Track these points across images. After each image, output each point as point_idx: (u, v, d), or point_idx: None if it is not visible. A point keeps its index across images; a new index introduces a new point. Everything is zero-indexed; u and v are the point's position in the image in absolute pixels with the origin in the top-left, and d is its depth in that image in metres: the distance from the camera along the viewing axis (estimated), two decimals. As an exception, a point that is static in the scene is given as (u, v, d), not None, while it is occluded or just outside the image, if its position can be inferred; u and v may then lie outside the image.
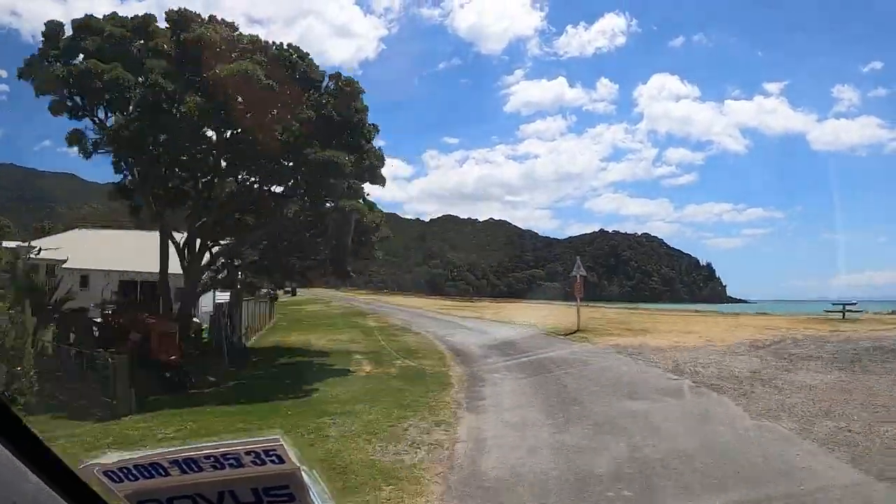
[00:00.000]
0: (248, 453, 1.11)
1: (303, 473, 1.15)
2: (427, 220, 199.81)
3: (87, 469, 1.13)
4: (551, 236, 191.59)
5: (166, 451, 1.12)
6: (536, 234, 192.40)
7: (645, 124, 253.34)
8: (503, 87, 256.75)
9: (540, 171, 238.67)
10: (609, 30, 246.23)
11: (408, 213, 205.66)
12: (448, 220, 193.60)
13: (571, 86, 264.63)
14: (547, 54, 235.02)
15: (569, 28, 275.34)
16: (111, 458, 1.13)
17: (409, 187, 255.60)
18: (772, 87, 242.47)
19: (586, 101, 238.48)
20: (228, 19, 17.26)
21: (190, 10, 16.28)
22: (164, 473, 1.11)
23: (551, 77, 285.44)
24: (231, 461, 1.11)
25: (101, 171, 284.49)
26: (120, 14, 16.84)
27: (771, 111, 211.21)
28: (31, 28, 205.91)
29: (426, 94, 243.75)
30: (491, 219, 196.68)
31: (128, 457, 1.13)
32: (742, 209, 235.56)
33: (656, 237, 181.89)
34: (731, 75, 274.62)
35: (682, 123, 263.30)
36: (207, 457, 1.11)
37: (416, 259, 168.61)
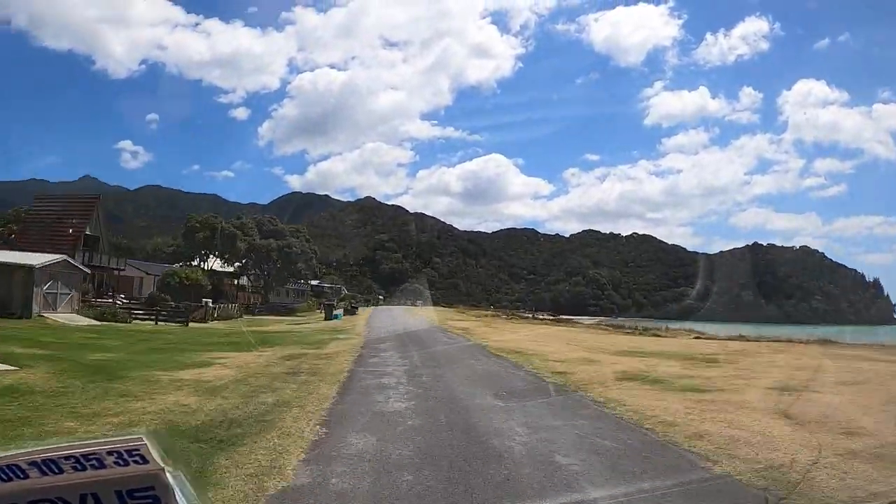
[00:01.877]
0: (110, 453, 1.07)
1: (168, 474, 1.11)
2: (567, 235, 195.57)
3: None
4: (698, 251, 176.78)
5: (24, 451, 1.06)
6: (684, 248, 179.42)
7: (790, 134, 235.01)
8: (643, 99, 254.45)
9: (683, 186, 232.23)
10: (750, 34, 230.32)
11: (547, 231, 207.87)
12: (589, 236, 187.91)
13: (713, 96, 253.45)
14: (686, 64, 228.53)
15: (708, 36, 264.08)
16: None
17: (549, 205, 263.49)
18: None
19: (729, 111, 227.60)
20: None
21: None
22: (22, 476, 1.04)
23: (692, 88, 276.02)
24: (93, 462, 1.07)
25: (240, 192, 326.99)
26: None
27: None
28: (176, 60, 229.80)
29: (565, 111, 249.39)
30: (635, 234, 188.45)
31: None
32: (895, 222, 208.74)
33: (816, 250, 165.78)
34: (881, 77, 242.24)
35: (830, 131, 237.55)
36: (68, 458, 1.06)
37: (556, 276, 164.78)
